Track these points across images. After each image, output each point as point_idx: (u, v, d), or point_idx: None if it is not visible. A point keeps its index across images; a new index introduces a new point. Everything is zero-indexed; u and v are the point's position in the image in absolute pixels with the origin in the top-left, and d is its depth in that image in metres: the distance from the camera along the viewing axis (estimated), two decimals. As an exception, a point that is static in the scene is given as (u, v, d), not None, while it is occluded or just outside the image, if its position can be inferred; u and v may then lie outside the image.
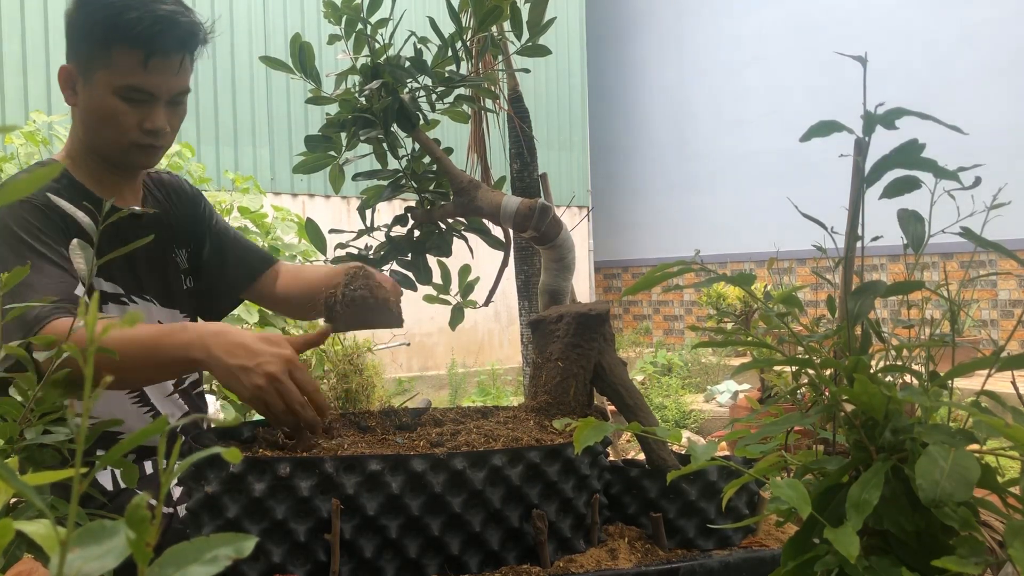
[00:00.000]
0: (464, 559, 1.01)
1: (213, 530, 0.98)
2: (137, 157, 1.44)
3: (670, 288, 1.30)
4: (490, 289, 1.50)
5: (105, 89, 1.37)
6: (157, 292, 1.54)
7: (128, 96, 1.37)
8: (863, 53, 0.74)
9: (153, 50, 1.35)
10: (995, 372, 0.68)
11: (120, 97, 1.37)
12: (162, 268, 1.56)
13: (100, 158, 1.45)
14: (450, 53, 1.37)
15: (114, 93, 1.37)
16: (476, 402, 7.09)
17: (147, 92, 1.38)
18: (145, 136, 1.41)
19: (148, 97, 1.39)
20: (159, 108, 1.40)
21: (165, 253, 1.57)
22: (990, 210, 0.86)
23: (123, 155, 1.43)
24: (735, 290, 6.50)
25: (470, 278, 1.52)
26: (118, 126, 1.39)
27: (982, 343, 5.94)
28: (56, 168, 0.43)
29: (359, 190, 1.50)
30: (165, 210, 1.59)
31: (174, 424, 0.45)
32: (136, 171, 1.53)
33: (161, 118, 1.40)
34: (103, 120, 1.39)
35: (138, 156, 1.44)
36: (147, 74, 1.36)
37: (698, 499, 1.16)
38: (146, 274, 1.52)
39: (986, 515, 0.66)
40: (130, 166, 1.48)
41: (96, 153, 1.45)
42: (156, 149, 1.44)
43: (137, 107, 1.39)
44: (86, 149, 1.45)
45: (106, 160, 1.46)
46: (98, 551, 0.37)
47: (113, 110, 1.38)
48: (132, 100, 1.38)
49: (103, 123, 1.39)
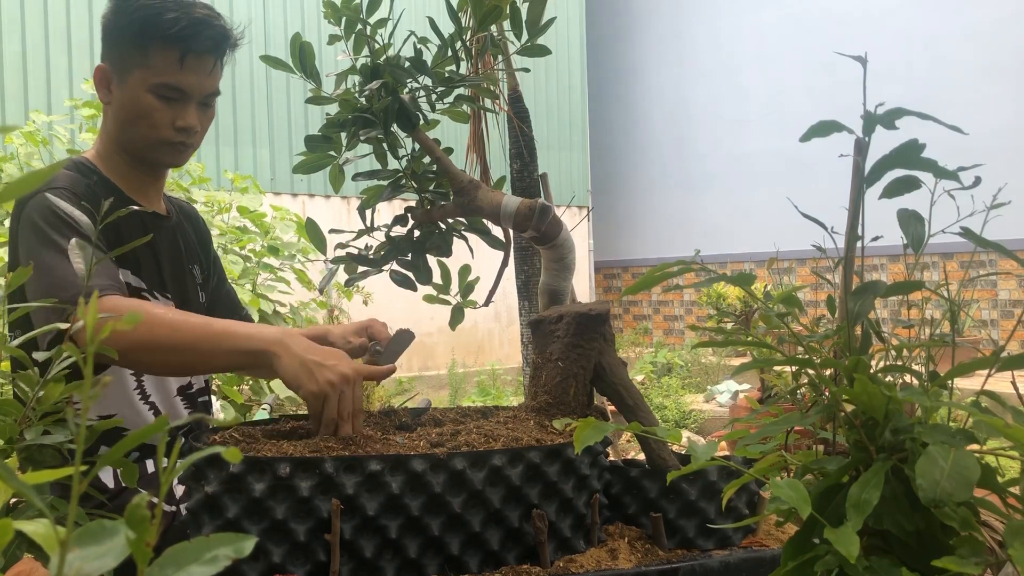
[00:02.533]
0: (464, 559, 1.01)
1: (213, 530, 0.98)
2: (168, 155, 1.49)
3: (670, 288, 1.31)
4: (490, 289, 1.50)
5: (140, 87, 1.42)
6: (177, 296, 1.57)
7: (163, 94, 1.43)
8: (863, 53, 0.74)
9: (189, 49, 1.41)
10: (995, 372, 0.68)
11: (155, 95, 1.43)
12: (183, 276, 1.61)
13: (130, 157, 1.50)
14: (450, 53, 1.37)
15: (149, 91, 1.42)
16: (476, 402, 7.08)
17: (181, 91, 1.43)
18: (177, 134, 1.46)
19: (182, 96, 1.44)
20: (191, 107, 1.46)
21: (184, 264, 1.62)
22: (990, 210, 0.86)
23: (154, 152, 1.48)
24: (735, 290, 6.50)
25: (470, 278, 1.52)
26: (151, 123, 1.44)
27: (982, 343, 5.95)
28: (63, 163, 0.43)
29: (359, 190, 1.51)
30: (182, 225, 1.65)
31: (174, 424, 0.45)
32: (163, 171, 1.58)
33: (193, 117, 1.46)
34: (137, 117, 1.44)
35: (169, 154, 1.49)
36: (182, 73, 1.42)
37: (698, 499, 1.16)
38: (170, 277, 1.56)
39: (986, 515, 0.66)
40: (160, 164, 1.52)
41: (127, 151, 1.49)
42: (186, 147, 1.49)
43: (170, 105, 1.44)
44: (116, 148, 1.49)
45: (136, 158, 1.50)
46: (98, 551, 0.37)
47: (147, 107, 1.43)
48: (166, 98, 1.43)
49: (137, 120, 1.44)
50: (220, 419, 3.36)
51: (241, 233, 4.06)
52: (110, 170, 1.50)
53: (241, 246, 3.99)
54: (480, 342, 8.90)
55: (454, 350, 8.36)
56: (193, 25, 1.41)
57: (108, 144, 1.50)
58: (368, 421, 1.28)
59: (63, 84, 6.47)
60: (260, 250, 4.03)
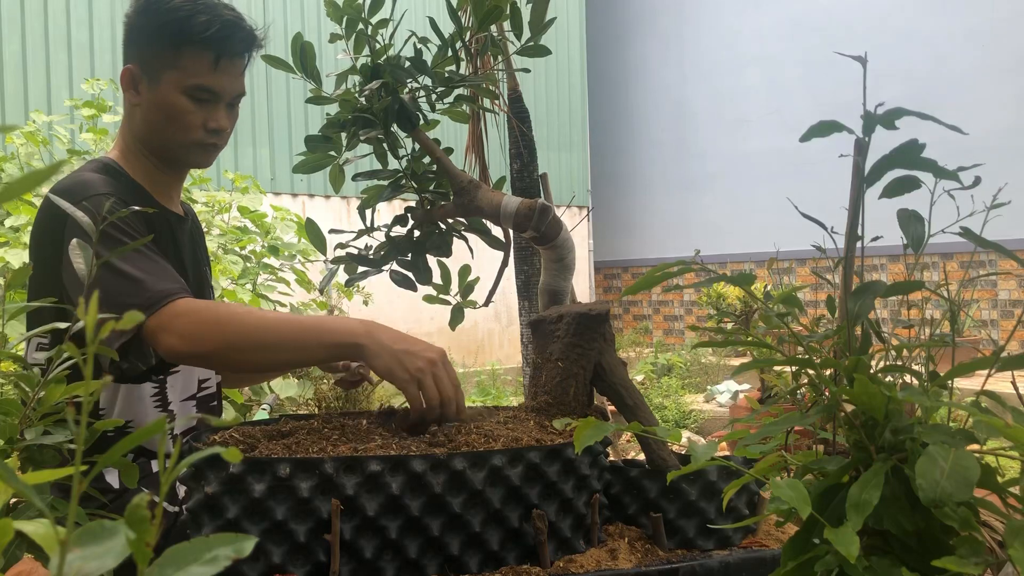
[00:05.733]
0: (464, 559, 1.01)
1: (213, 530, 0.98)
2: (198, 156, 1.50)
3: (670, 288, 1.30)
4: (490, 289, 1.50)
5: (174, 88, 1.43)
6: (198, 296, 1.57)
7: (196, 96, 1.44)
8: (863, 53, 0.74)
9: (223, 52, 1.44)
10: (995, 372, 0.68)
11: (188, 96, 1.44)
12: (201, 276, 1.63)
13: (157, 158, 1.50)
14: (450, 53, 1.37)
15: (183, 92, 1.44)
16: (476, 402, 7.08)
17: (214, 92, 1.45)
18: (208, 135, 1.48)
19: (213, 97, 1.46)
20: (221, 108, 1.48)
21: (200, 264, 1.64)
22: (990, 210, 0.86)
23: (185, 153, 1.49)
24: (735, 290, 6.50)
25: (470, 278, 1.52)
26: (184, 125, 1.45)
27: (982, 343, 5.95)
28: (63, 163, 0.43)
29: (359, 190, 1.51)
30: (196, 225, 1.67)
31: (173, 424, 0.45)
32: (186, 172, 1.59)
33: (224, 118, 1.48)
34: (169, 119, 1.45)
35: (199, 155, 1.50)
36: (216, 75, 1.44)
37: (698, 499, 1.16)
38: (192, 278, 1.57)
39: (986, 515, 0.66)
40: (188, 165, 1.54)
41: (155, 153, 1.50)
42: (216, 148, 1.51)
43: (202, 107, 1.45)
44: (143, 149, 1.50)
45: (164, 159, 1.51)
46: (98, 551, 0.37)
47: (181, 109, 1.44)
48: (199, 100, 1.45)
49: (169, 121, 1.45)
50: (220, 419, 3.35)
51: (241, 233, 4.06)
52: (135, 171, 1.50)
53: (241, 246, 3.99)
54: (480, 342, 8.90)
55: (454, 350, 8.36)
56: (226, 28, 1.43)
57: (133, 145, 1.50)
58: (369, 421, 1.28)
59: (63, 84, 6.47)
60: (260, 250, 4.03)
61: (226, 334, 1.21)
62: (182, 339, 1.22)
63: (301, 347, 1.22)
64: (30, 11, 6.40)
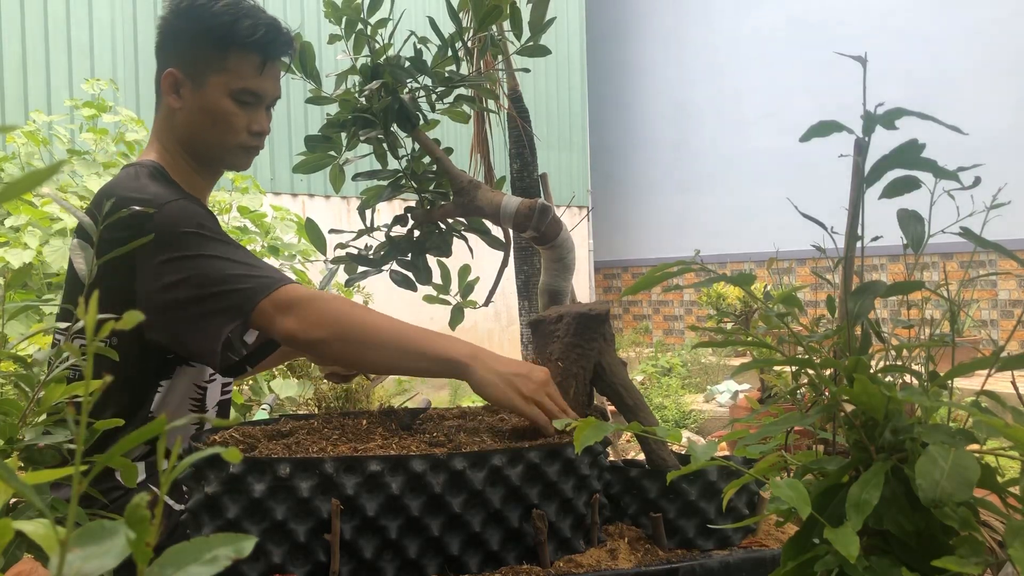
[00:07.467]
0: (464, 559, 1.01)
1: (213, 530, 0.98)
2: (240, 158, 1.51)
3: (670, 288, 1.31)
4: (490, 289, 1.50)
5: (220, 92, 1.44)
6: None
7: (241, 99, 1.45)
8: (863, 53, 0.74)
9: (268, 55, 1.45)
10: (995, 372, 0.68)
11: (234, 100, 1.45)
12: None
13: (196, 161, 1.50)
14: (450, 53, 1.37)
15: (229, 96, 1.44)
16: (476, 402, 7.08)
17: (258, 95, 1.46)
18: (251, 138, 1.48)
19: (257, 100, 1.47)
20: (263, 111, 1.49)
21: None
22: (990, 210, 0.86)
23: (229, 156, 1.49)
24: (735, 290, 6.50)
25: (470, 278, 1.52)
26: (229, 127, 1.46)
27: (982, 343, 5.94)
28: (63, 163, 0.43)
29: (359, 190, 1.51)
30: None
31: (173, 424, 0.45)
32: (219, 176, 1.60)
33: (265, 120, 1.49)
34: (215, 122, 1.45)
35: (241, 157, 1.51)
36: (261, 78, 1.45)
37: (698, 499, 1.16)
38: None
39: (986, 515, 0.66)
40: (228, 167, 1.54)
41: (195, 156, 1.50)
42: (256, 151, 1.52)
43: (246, 109, 1.46)
44: (183, 151, 1.49)
45: (204, 162, 1.51)
46: (98, 551, 0.37)
47: (226, 112, 1.45)
48: (244, 103, 1.45)
49: (214, 125, 1.45)
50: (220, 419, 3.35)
51: (241, 233, 4.06)
52: (176, 174, 1.49)
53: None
54: (480, 342, 8.81)
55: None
56: (271, 32, 1.44)
57: (173, 148, 1.49)
58: (369, 421, 1.28)
59: (63, 84, 6.46)
60: (260, 250, 4.03)
61: (342, 325, 1.24)
62: (300, 323, 1.24)
63: (405, 354, 1.24)
64: (30, 11, 6.40)
